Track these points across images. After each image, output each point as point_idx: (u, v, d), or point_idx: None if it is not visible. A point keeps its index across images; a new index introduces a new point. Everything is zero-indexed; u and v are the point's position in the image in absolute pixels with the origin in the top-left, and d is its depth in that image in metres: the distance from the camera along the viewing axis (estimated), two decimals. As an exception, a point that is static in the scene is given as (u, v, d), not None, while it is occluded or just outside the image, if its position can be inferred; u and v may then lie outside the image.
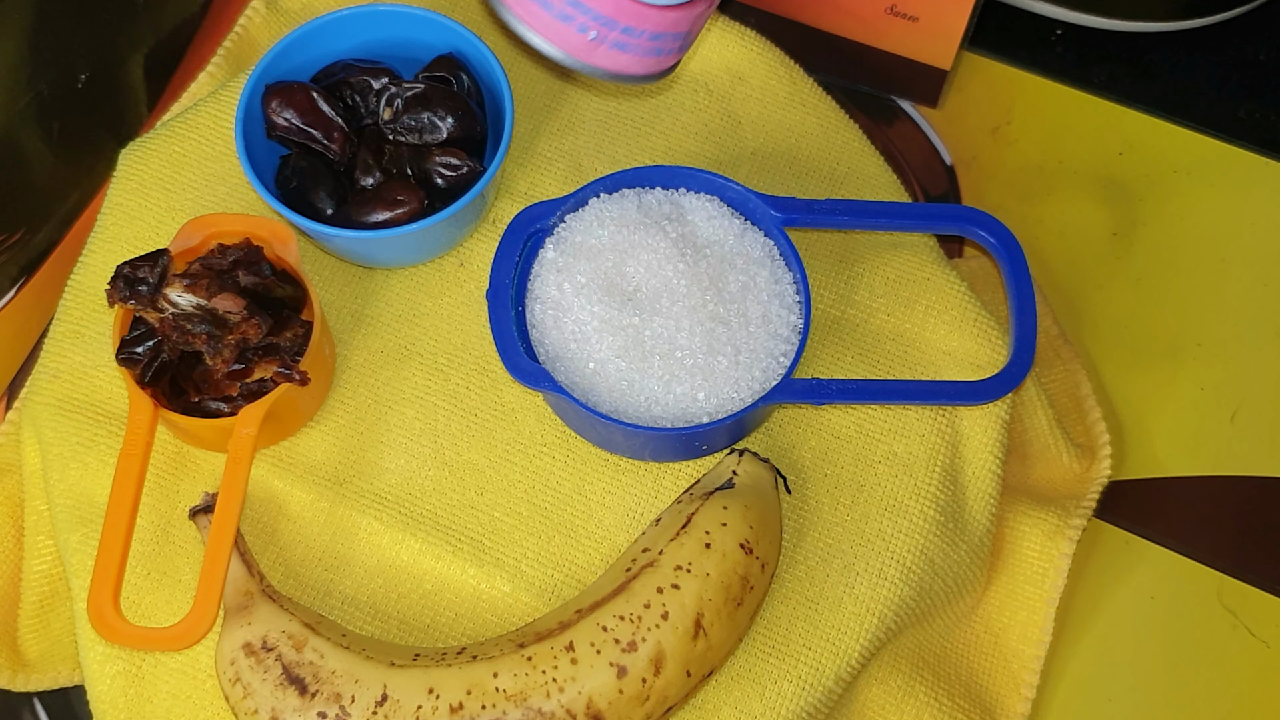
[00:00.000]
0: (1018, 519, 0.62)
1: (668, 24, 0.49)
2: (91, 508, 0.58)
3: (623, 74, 0.50)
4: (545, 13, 0.47)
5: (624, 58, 0.49)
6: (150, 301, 0.56)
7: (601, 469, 0.59)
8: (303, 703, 0.51)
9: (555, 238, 0.58)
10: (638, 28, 0.48)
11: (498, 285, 0.56)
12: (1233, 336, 0.67)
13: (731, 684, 0.56)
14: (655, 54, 0.50)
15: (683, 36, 0.51)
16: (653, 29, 0.48)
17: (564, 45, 0.48)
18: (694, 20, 0.50)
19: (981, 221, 0.60)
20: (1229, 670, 0.62)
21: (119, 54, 0.65)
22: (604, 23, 0.47)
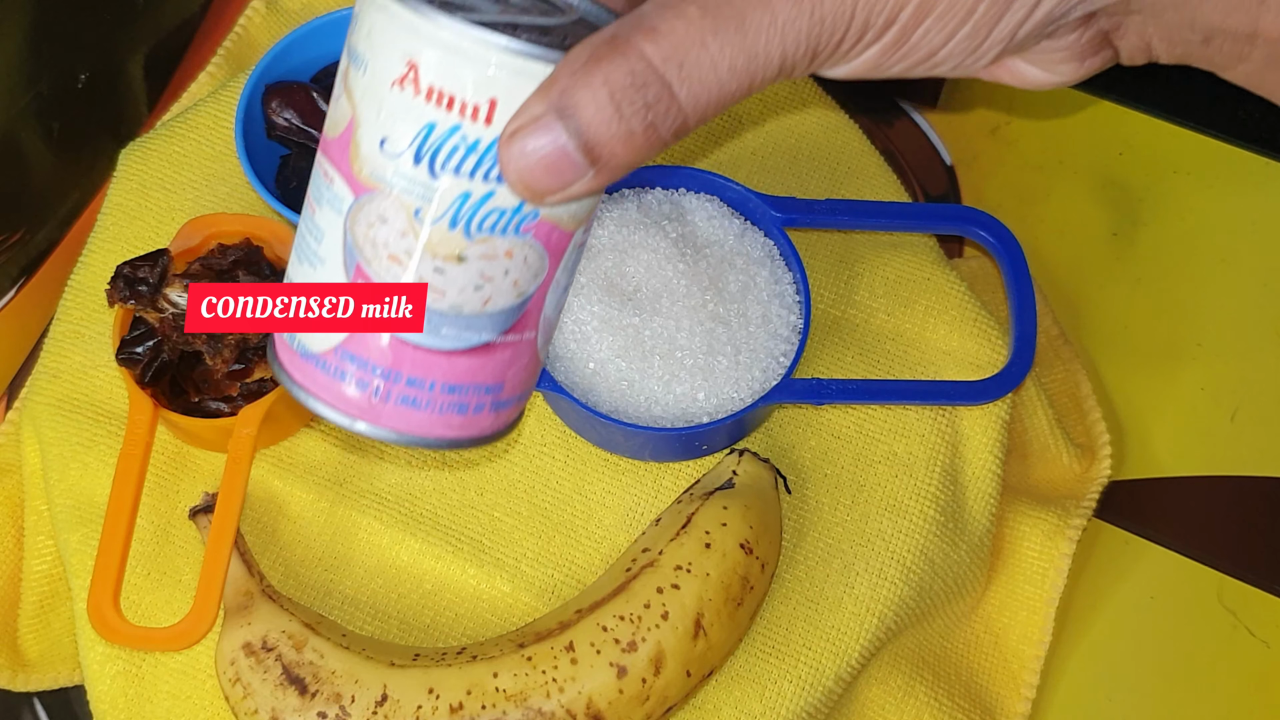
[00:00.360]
0: (1018, 519, 0.62)
1: (463, 373, 0.40)
2: (91, 508, 0.58)
3: (424, 437, 0.41)
4: (322, 374, 0.40)
5: (418, 416, 0.40)
6: (150, 301, 0.56)
7: (601, 469, 0.59)
8: (303, 703, 0.51)
9: (555, 238, 0.58)
10: (425, 379, 0.40)
11: (498, 285, 0.56)
12: (1233, 336, 0.67)
13: (731, 684, 0.56)
14: (462, 411, 0.41)
15: (492, 389, 0.42)
16: (445, 380, 0.40)
17: (344, 406, 0.40)
18: (499, 370, 0.41)
19: (981, 221, 0.60)
20: (1229, 670, 0.62)
21: (119, 54, 0.65)
22: (384, 375, 0.40)
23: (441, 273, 0.38)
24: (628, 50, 0.34)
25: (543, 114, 0.35)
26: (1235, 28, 0.39)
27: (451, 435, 0.42)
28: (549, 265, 0.40)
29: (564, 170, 0.35)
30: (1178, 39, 0.39)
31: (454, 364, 0.40)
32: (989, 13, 0.37)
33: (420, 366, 0.40)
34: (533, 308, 0.40)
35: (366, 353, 0.40)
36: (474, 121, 0.36)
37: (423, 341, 0.39)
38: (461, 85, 0.36)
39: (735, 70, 0.35)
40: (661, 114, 0.35)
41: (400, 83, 0.37)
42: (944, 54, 0.38)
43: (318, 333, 0.40)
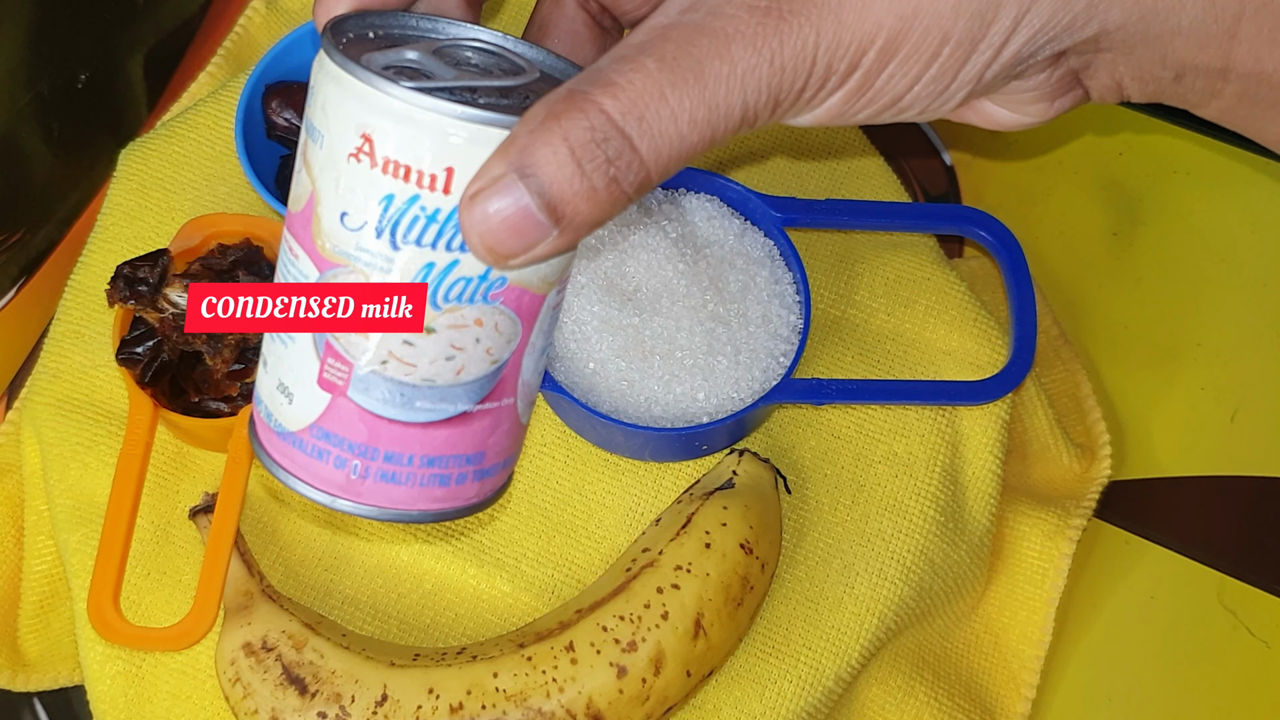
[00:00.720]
0: (1018, 519, 0.62)
1: (441, 445, 0.40)
2: (91, 508, 0.58)
3: (408, 511, 0.40)
4: (300, 453, 0.39)
5: (400, 491, 0.40)
6: (150, 301, 0.56)
7: (601, 469, 0.59)
8: (303, 703, 0.51)
9: (555, 238, 0.58)
10: (402, 453, 0.39)
11: (498, 285, 0.56)
12: (1233, 336, 0.67)
13: (732, 684, 0.56)
14: (444, 483, 0.40)
15: (473, 459, 0.41)
16: (423, 452, 0.39)
17: (324, 486, 0.39)
18: (477, 439, 0.40)
19: (981, 221, 0.60)
20: (1229, 670, 0.62)
21: (119, 54, 0.65)
22: (361, 451, 0.39)
23: (411, 345, 0.38)
24: (586, 105, 0.34)
25: (502, 174, 0.34)
26: (1207, 63, 0.38)
27: (436, 508, 0.41)
28: (522, 330, 0.39)
29: (527, 231, 0.35)
30: (1149, 77, 0.39)
31: (431, 436, 0.39)
32: (954, 56, 0.36)
33: (396, 441, 0.39)
34: (509, 374, 0.39)
35: (342, 429, 0.39)
36: (432, 191, 0.36)
37: (397, 415, 0.38)
38: (417, 156, 0.35)
39: (696, 122, 0.35)
40: (624, 168, 0.34)
41: (356, 155, 0.36)
42: (910, 99, 0.37)
43: (294, 409, 0.39)
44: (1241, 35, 0.38)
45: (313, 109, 0.37)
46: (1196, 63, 0.38)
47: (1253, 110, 0.40)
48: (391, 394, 0.38)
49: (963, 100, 0.38)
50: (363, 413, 0.38)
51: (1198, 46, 0.38)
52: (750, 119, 0.35)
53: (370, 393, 0.38)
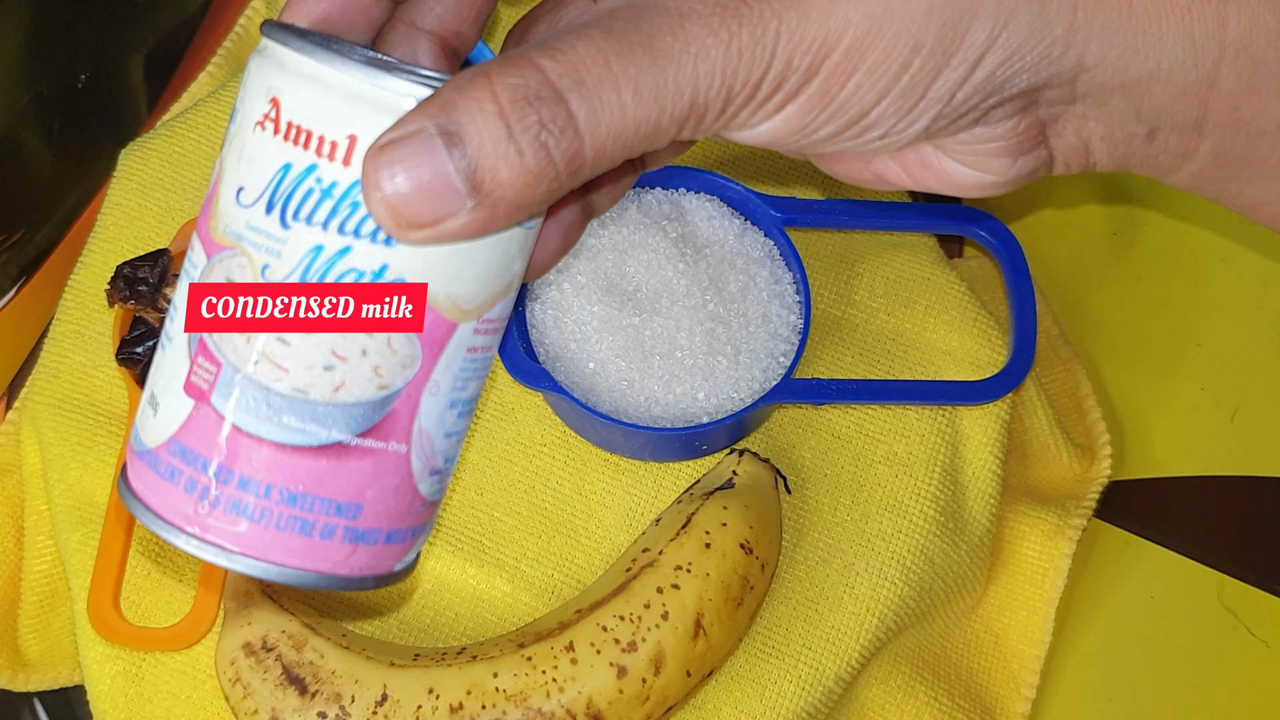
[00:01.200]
0: (1018, 519, 0.62)
1: (307, 479, 0.34)
2: (92, 508, 0.58)
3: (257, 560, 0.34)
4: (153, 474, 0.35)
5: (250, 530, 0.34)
6: (150, 301, 0.56)
7: (601, 469, 0.59)
8: (303, 703, 0.51)
9: (555, 238, 0.58)
10: (260, 479, 0.34)
11: (498, 285, 0.56)
12: (1233, 336, 0.67)
13: (731, 684, 0.56)
14: (305, 531, 0.34)
15: (349, 510, 0.35)
16: (284, 483, 0.34)
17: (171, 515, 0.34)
18: (360, 484, 0.34)
19: (981, 221, 0.60)
20: (1229, 670, 0.62)
21: (119, 54, 0.65)
22: (216, 472, 0.34)
23: (285, 344, 0.33)
24: (521, 64, 0.31)
25: (419, 129, 0.31)
26: (1183, 114, 0.36)
27: (293, 564, 0.34)
28: (421, 357, 0.34)
29: (438, 194, 0.31)
30: (1120, 135, 0.36)
31: (296, 465, 0.33)
32: (924, 68, 0.34)
33: (256, 464, 0.33)
34: (400, 410, 0.34)
35: (199, 444, 0.34)
36: (331, 161, 0.32)
37: (260, 430, 0.33)
38: (320, 119, 0.32)
39: (640, 95, 0.31)
40: (556, 133, 0.31)
41: (261, 123, 0.33)
42: (875, 115, 0.34)
43: (157, 421, 0.34)
44: (1220, 81, 0.36)
45: (240, 89, 0.35)
46: (1173, 113, 0.36)
47: (1227, 171, 0.38)
48: (257, 402, 0.33)
49: (928, 125, 0.35)
50: (222, 423, 0.34)
51: (1176, 94, 0.36)
52: (700, 110, 0.32)
53: (234, 399, 0.33)
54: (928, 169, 0.38)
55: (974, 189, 0.38)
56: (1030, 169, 0.37)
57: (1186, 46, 0.35)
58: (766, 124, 0.34)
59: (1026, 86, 0.35)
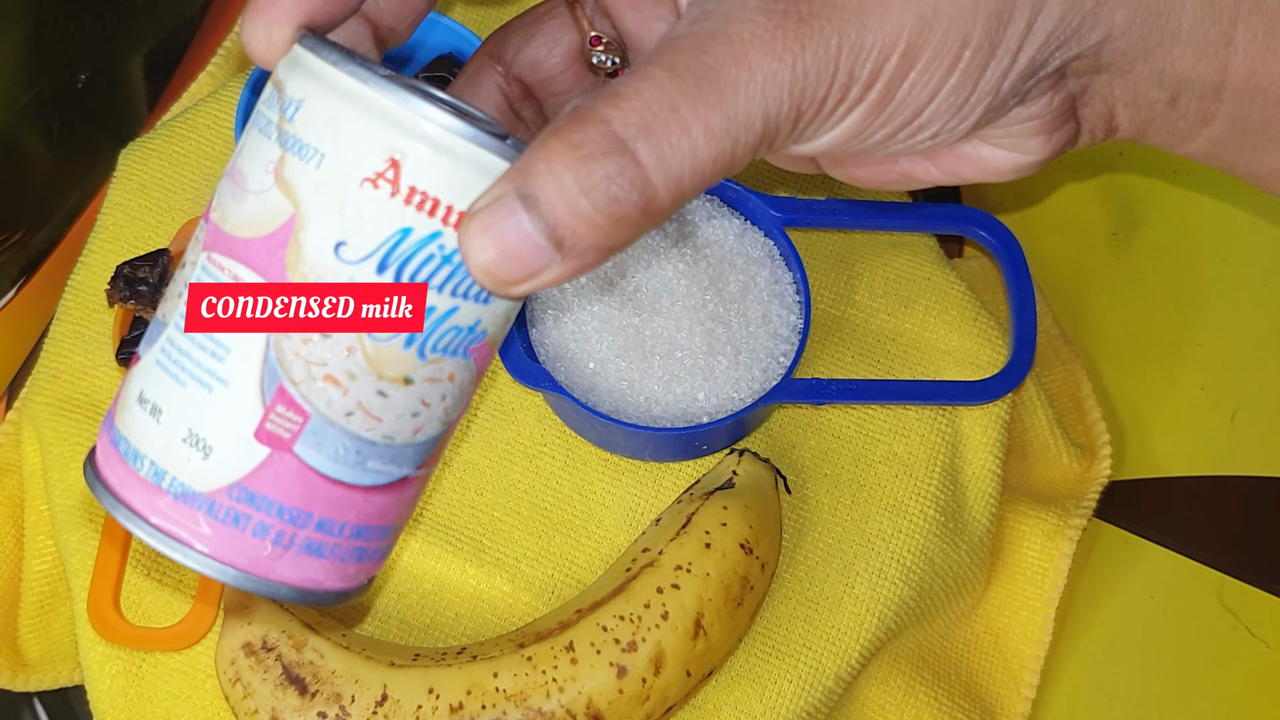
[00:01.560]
0: (1018, 519, 0.62)
1: (374, 513, 0.35)
2: (92, 507, 0.58)
3: (314, 590, 0.35)
4: (208, 519, 0.34)
5: (318, 566, 0.35)
6: (150, 301, 0.56)
7: (601, 469, 0.59)
8: (303, 702, 0.51)
9: (555, 238, 0.58)
10: (339, 520, 0.35)
11: (498, 285, 0.56)
12: (1233, 336, 0.67)
13: (731, 684, 0.56)
14: (357, 558, 0.36)
15: (388, 532, 0.37)
16: (357, 520, 0.35)
17: (232, 558, 0.34)
18: (401, 509, 0.36)
19: (981, 221, 0.60)
20: (1229, 670, 0.61)
21: (119, 54, 0.65)
22: (292, 517, 0.34)
23: (384, 396, 0.34)
24: (587, 118, 0.31)
25: (500, 194, 0.32)
26: (1203, 78, 0.37)
27: (341, 587, 0.36)
28: (472, 390, 0.36)
29: (527, 256, 0.32)
30: (1143, 101, 0.37)
31: (369, 502, 0.35)
32: (973, 61, 0.34)
33: (335, 506, 0.34)
34: (446, 437, 0.36)
35: (273, 490, 0.34)
36: (456, 230, 0.32)
37: (344, 476, 0.34)
38: (450, 190, 0.32)
39: (712, 133, 0.32)
40: (625, 186, 0.31)
41: (374, 181, 0.32)
42: (929, 113, 0.35)
43: (209, 465, 0.34)
44: (1237, 41, 0.37)
45: (302, 122, 0.33)
46: (1193, 77, 0.37)
47: (1244, 138, 0.39)
48: (347, 451, 0.34)
49: (979, 119, 0.36)
50: (306, 471, 0.34)
51: (1196, 56, 0.37)
52: (771, 134, 0.33)
53: (323, 448, 0.34)
54: (962, 160, 0.39)
55: (1011, 172, 0.39)
56: (1062, 143, 0.38)
57: (1205, 6, 0.36)
58: (826, 135, 0.35)
59: (1060, 64, 0.36)
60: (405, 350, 0.33)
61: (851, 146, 0.36)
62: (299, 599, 0.35)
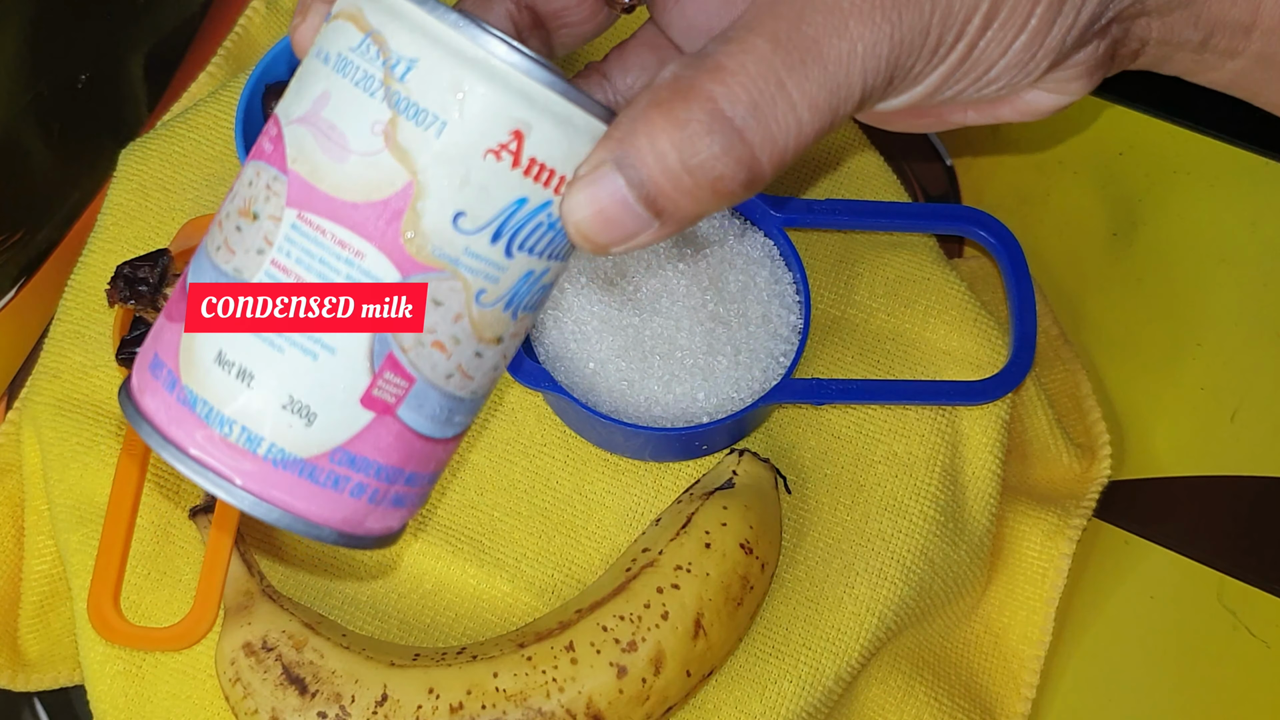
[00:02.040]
0: (1018, 519, 0.62)
1: (441, 461, 0.37)
2: (91, 508, 0.58)
3: (387, 535, 0.37)
4: (308, 483, 0.34)
5: (397, 515, 0.36)
6: (150, 301, 0.56)
7: (601, 469, 0.59)
8: (303, 703, 0.51)
9: (555, 238, 0.58)
10: (423, 472, 0.36)
11: (498, 285, 0.56)
12: (1233, 336, 0.67)
13: (731, 684, 0.56)
14: (421, 502, 0.38)
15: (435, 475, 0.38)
16: (435, 470, 0.37)
17: (328, 518, 0.35)
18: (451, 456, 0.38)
19: (981, 221, 0.60)
20: (1229, 670, 0.61)
21: (119, 54, 0.65)
22: (388, 475, 0.35)
23: (480, 356, 0.35)
24: (692, 95, 0.31)
25: (601, 162, 0.32)
26: (1236, 19, 0.38)
27: (398, 529, 0.37)
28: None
29: (625, 222, 0.32)
30: (1176, 39, 0.38)
31: (446, 453, 0.36)
32: (1045, 17, 0.35)
33: (423, 460, 0.36)
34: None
35: (374, 452, 0.34)
36: (559, 195, 0.33)
37: (435, 433, 0.35)
38: (566, 158, 0.33)
39: (816, 108, 0.32)
40: (732, 164, 0.32)
41: (497, 152, 0.32)
42: (999, 69, 0.35)
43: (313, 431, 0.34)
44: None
45: (417, 84, 0.32)
46: (1227, 19, 0.37)
47: (1268, 73, 0.39)
48: (441, 410, 0.35)
49: (1045, 71, 0.36)
50: (405, 432, 0.35)
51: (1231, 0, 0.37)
52: (866, 101, 0.33)
53: (423, 410, 0.35)
54: (1003, 103, 0.39)
55: (1050, 110, 0.39)
56: (1100, 79, 0.39)
57: None
58: (907, 94, 0.35)
59: (1114, 14, 0.36)
60: (504, 313, 0.34)
61: (925, 103, 0.36)
62: (374, 545, 0.36)
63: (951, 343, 0.61)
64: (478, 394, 0.36)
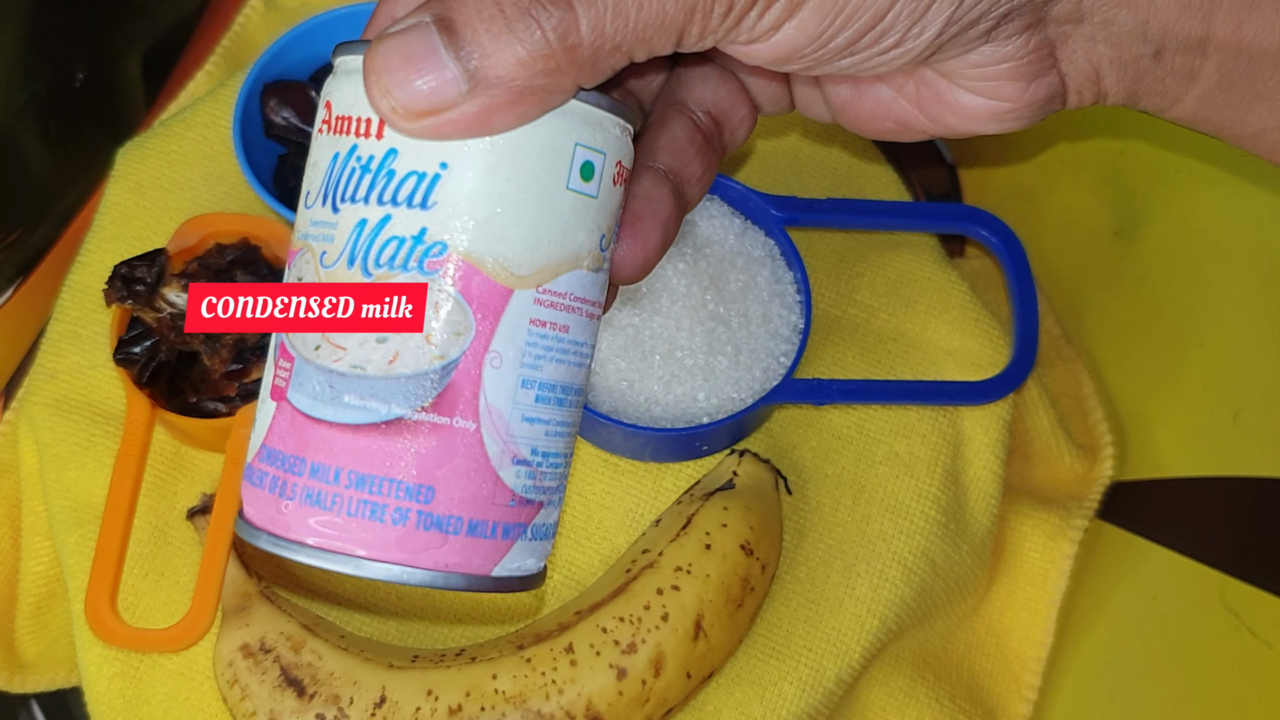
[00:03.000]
0: (1019, 519, 0.62)
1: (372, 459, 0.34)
2: (89, 508, 0.58)
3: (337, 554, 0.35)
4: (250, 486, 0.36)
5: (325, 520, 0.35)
6: (148, 301, 0.56)
7: (601, 469, 0.59)
8: (301, 704, 0.51)
9: (555, 237, 0.58)
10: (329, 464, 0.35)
11: (497, 285, 0.56)
12: (1236, 336, 0.67)
13: (732, 685, 0.56)
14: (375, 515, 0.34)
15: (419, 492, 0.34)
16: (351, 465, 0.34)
17: (260, 519, 0.36)
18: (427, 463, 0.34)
19: (983, 221, 0.60)
20: (1231, 672, 0.61)
21: (116, 53, 0.65)
22: (290, 465, 0.35)
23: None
24: None
25: (416, 21, 0.31)
26: (1187, 31, 0.37)
27: (373, 555, 0.34)
28: (476, 326, 0.34)
29: (433, 79, 0.31)
30: (1128, 57, 0.37)
31: (360, 444, 0.34)
32: None
33: (323, 448, 0.34)
34: (461, 382, 0.34)
35: (279, 441, 0.35)
36: (367, 137, 0.34)
37: (325, 414, 0.34)
38: (356, 103, 0.34)
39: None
40: (553, 25, 0.31)
41: (320, 129, 0.35)
42: (889, 20, 0.34)
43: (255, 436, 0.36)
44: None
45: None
46: (1178, 31, 0.37)
47: (1230, 95, 0.38)
48: (321, 386, 0.34)
49: (940, 30, 0.35)
50: (295, 415, 0.35)
51: (1180, 7, 0.36)
52: (706, 7, 0.32)
53: (304, 387, 0.35)
54: (943, 105, 0.38)
55: (990, 120, 0.38)
56: (1044, 96, 0.37)
57: None
58: (779, 33, 0.34)
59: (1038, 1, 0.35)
60: (350, 270, 0.34)
61: (813, 53, 0.35)
62: (321, 564, 0.34)
63: (953, 343, 0.61)
64: (366, 368, 0.34)
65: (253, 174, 0.58)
